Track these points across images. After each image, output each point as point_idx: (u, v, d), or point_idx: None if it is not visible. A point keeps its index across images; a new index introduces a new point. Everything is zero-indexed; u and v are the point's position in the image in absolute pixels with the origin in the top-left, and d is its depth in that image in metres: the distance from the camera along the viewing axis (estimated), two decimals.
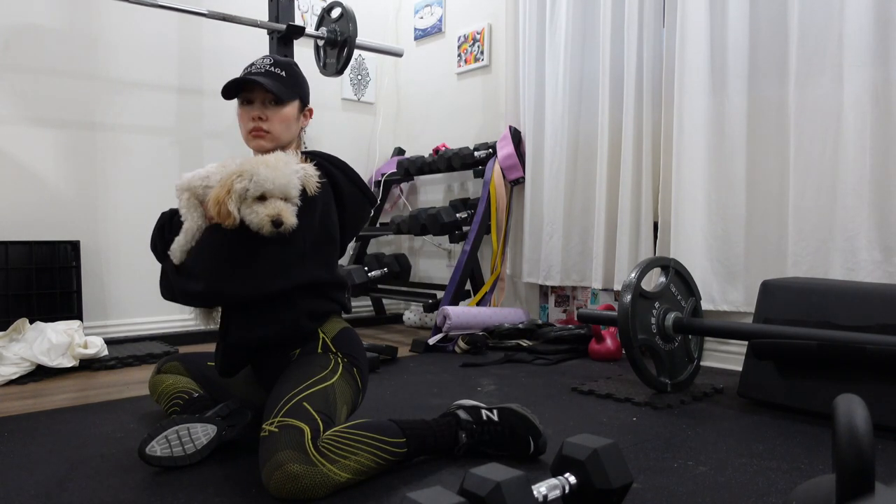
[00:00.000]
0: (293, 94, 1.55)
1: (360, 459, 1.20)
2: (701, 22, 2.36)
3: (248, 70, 1.56)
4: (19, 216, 2.68)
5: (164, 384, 1.66)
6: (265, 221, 1.32)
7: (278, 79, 1.52)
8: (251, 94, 1.53)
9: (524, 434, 1.36)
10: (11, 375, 2.15)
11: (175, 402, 1.59)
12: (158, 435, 1.31)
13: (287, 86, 1.53)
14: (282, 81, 1.52)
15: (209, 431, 1.37)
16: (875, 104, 1.98)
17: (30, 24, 2.70)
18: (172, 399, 1.60)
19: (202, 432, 1.37)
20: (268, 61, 1.56)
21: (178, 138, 3.11)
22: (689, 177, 2.39)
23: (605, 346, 2.51)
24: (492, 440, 1.38)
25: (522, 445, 1.36)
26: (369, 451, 1.22)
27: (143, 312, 3.00)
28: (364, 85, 3.84)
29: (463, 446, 1.37)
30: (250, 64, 1.58)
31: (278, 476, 1.13)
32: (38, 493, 1.21)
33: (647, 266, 1.95)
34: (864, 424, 0.72)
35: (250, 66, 1.57)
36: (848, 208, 2.03)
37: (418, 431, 1.32)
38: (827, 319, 1.72)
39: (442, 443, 1.35)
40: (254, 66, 1.56)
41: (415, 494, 0.87)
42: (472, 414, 1.40)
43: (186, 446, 1.34)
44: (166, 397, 1.63)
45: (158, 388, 1.67)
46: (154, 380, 1.71)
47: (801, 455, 1.41)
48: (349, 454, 1.19)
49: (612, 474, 1.04)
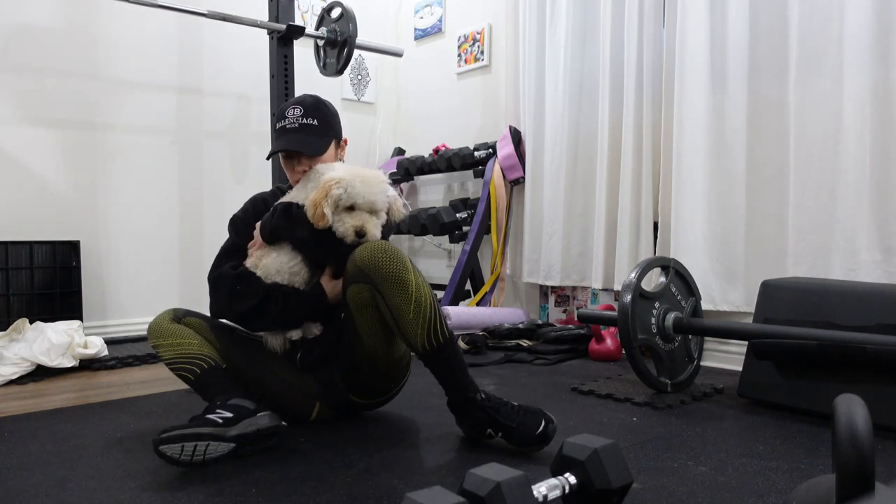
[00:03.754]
0: (327, 142, 1.65)
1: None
2: (701, 22, 2.36)
3: (283, 125, 1.64)
4: (19, 216, 2.68)
5: (180, 339, 1.53)
6: (350, 231, 1.47)
7: (312, 131, 1.63)
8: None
9: (536, 413, 1.41)
10: (11, 375, 2.15)
11: (190, 367, 1.50)
12: (178, 442, 1.28)
13: (321, 135, 1.64)
14: (315, 133, 1.63)
15: (224, 450, 1.34)
16: (875, 104, 1.98)
17: (30, 24, 2.70)
18: (188, 360, 1.50)
19: (219, 449, 1.33)
20: (298, 112, 1.63)
21: (178, 138, 3.11)
22: (689, 177, 2.39)
23: (605, 346, 2.51)
24: (505, 412, 1.42)
25: (533, 425, 1.39)
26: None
27: (143, 312, 3.00)
28: (364, 85, 3.84)
29: (482, 402, 1.43)
30: (282, 116, 1.65)
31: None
32: (38, 493, 1.21)
33: (647, 266, 1.95)
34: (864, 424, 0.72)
35: (283, 121, 1.64)
36: (848, 208, 2.03)
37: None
38: (827, 319, 1.72)
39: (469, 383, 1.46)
40: (286, 119, 1.64)
41: (415, 494, 0.87)
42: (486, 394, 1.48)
43: (196, 458, 1.30)
44: (180, 355, 1.51)
45: (171, 339, 1.53)
46: (169, 327, 1.55)
47: (801, 455, 1.41)
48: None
49: (612, 474, 1.04)
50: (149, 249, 3.02)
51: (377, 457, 1.40)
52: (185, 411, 1.78)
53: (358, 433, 1.57)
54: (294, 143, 1.62)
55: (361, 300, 1.48)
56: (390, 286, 1.41)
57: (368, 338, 1.53)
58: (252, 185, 3.31)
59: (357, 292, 1.48)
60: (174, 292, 3.10)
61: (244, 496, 1.19)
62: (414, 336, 1.42)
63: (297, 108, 1.64)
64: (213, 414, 1.36)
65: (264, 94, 2.92)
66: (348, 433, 1.57)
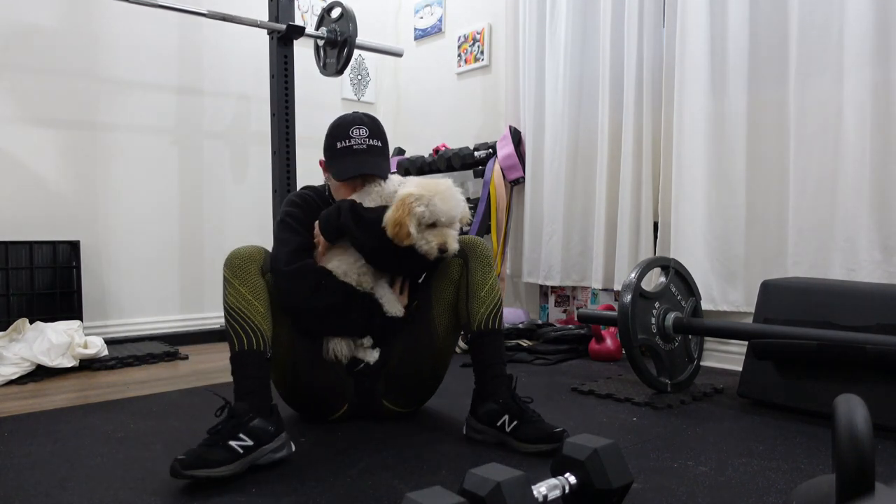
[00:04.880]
0: (389, 163, 1.69)
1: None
2: (701, 22, 2.36)
3: (348, 145, 1.62)
4: (19, 216, 2.68)
5: (252, 296, 1.47)
6: (434, 249, 1.50)
7: (379, 153, 1.64)
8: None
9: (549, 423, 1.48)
10: (11, 375, 2.15)
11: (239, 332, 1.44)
12: (198, 469, 1.23)
13: (386, 156, 1.67)
14: (382, 154, 1.65)
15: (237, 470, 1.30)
16: (875, 104, 1.98)
17: (30, 24, 2.70)
18: (243, 324, 1.44)
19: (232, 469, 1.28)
20: (364, 133, 1.63)
21: (178, 138, 3.11)
22: (689, 177, 2.39)
23: (605, 346, 2.51)
24: (530, 410, 1.49)
25: (550, 426, 1.45)
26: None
27: (143, 312, 3.00)
28: (364, 85, 3.84)
29: (513, 391, 1.53)
30: (347, 136, 1.62)
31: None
32: (38, 493, 1.21)
33: (647, 266, 1.95)
34: (864, 424, 0.72)
35: (348, 140, 1.62)
36: (848, 208, 2.03)
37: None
38: (827, 319, 1.72)
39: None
40: (352, 140, 1.62)
41: (415, 494, 0.87)
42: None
43: (211, 473, 1.25)
44: (240, 312, 1.45)
45: (244, 289, 1.47)
46: (252, 277, 1.49)
47: (801, 455, 1.41)
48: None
49: (612, 474, 1.04)
50: (149, 249, 3.01)
51: (377, 457, 1.40)
52: (185, 411, 1.79)
53: (358, 433, 1.57)
54: (369, 165, 1.60)
55: (449, 275, 1.64)
56: (479, 263, 1.62)
57: (436, 321, 1.65)
58: (252, 185, 3.31)
59: (447, 265, 1.63)
60: (174, 292, 3.10)
61: (244, 496, 1.19)
62: (476, 311, 1.58)
63: (362, 128, 1.63)
64: (235, 441, 1.30)
65: (264, 94, 2.92)
66: (348, 433, 1.57)
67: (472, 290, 1.59)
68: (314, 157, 1.84)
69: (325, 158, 1.68)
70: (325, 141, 1.67)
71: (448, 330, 1.67)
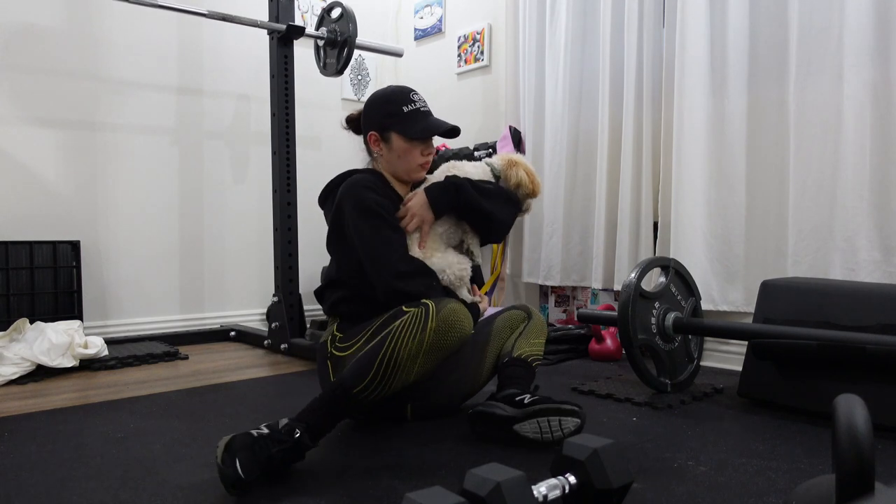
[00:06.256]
0: None
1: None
2: (701, 22, 2.36)
3: (416, 108, 1.65)
4: (19, 216, 2.68)
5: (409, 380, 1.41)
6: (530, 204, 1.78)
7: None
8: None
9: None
10: (11, 375, 2.15)
11: (375, 392, 1.36)
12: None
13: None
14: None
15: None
16: (875, 104, 1.98)
17: (30, 24, 2.70)
18: (385, 387, 1.37)
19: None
20: (423, 98, 1.70)
21: (178, 138, 3.11)
22: (689, 177, 2.39)
23: (605, 346, 2.51)
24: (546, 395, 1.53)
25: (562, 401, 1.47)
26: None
27: (143, 312, 3.00)
28: (364, 85, 3.84)
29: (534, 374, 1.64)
30: (409, 100, 1.65)
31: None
32: (38, 493, 1.21)
33: (647, 266, 1.95)
34: (864, 424, 0.71)
35: (412, 104, 1.65)
36: (848, 208, 2.03)
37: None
38: (827, 319, 1.72)
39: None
40: (416, 103, 1.67)
41: (415, 494, 0.87)
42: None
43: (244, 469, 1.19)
44: (391, 382, 1.37)
45: (421, 371, 1.41)
46: (442, 356, 1.43)
47: (801, 455, 1.41)
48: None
49: (612, 474, 1.04)
50: (149, 249, 3.01)
51: (377, 457, 1.40)
52: (185, 411, 1.78)
53: (358, 433, 1.57)
54: (448, 124, 1.65)
55: (512, 322, 1.75)
56: (538, 324, 1.76)
57: (488, 359, 1.71)
58: (252, 185, 3.31)
59: (513, 314, 1.77)
60: (174, 292, 3.10)
61: (244, 495, 1.19)
62: (521, 348, 1.66)
63: (418, 94, 1.69)
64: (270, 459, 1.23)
65: (264, 94, 2.92)
66: (348, 433, 1.57)
67: (525, 335, 1.71)
68: (314, 157, 1.84)
69: (382, 128, 1.65)
70: (381, 109, 1.65)
71: (491, 370, 1.73)
